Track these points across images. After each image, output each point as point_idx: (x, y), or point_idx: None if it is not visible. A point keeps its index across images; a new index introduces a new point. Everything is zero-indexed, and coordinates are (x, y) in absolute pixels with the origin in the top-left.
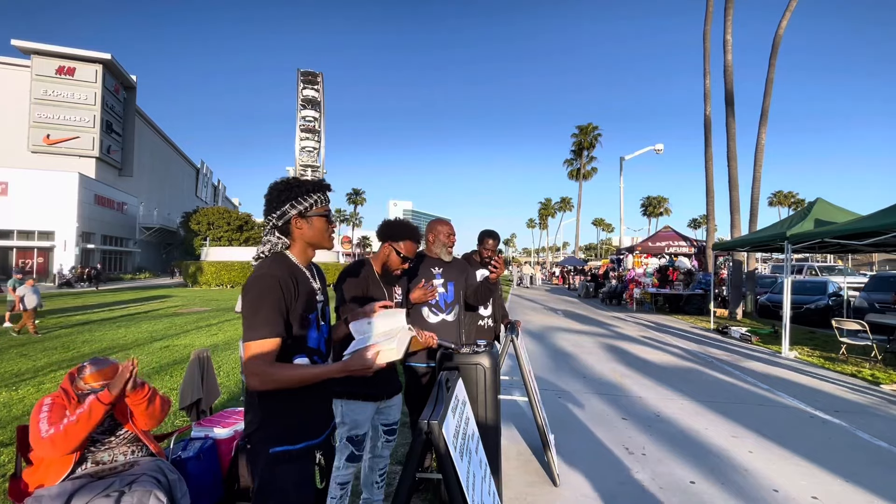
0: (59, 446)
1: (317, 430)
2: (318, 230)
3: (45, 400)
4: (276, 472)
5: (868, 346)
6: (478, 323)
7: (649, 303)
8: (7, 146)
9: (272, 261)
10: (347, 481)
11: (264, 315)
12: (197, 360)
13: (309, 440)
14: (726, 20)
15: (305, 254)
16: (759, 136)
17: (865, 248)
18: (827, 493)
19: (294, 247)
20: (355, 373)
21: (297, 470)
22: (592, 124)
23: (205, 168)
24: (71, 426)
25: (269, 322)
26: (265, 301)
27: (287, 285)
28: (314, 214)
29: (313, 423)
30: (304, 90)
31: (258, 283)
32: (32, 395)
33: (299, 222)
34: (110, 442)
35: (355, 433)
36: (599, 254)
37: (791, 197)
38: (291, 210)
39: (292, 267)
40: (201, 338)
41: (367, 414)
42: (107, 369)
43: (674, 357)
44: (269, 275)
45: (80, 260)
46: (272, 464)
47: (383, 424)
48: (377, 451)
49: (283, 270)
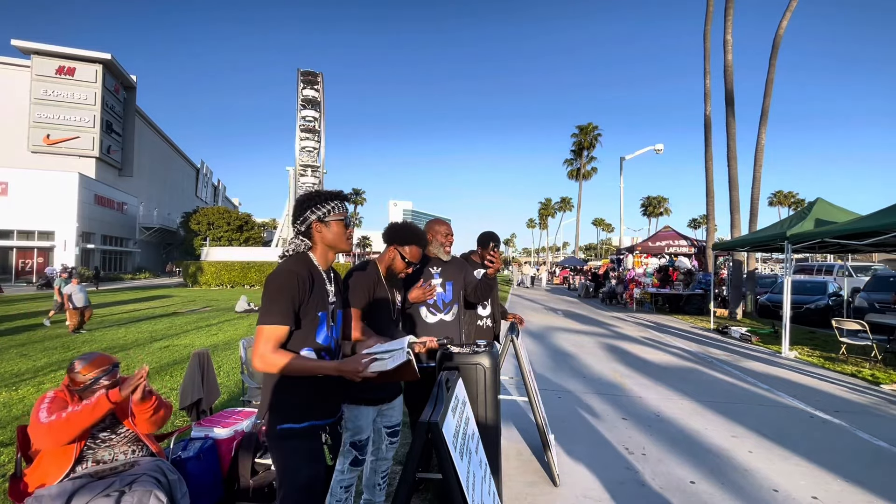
0: (56, 433)
1: (322, 413)
2: (336, 234)
3: (48, 394)
4: (284, 448)
5: (868, 346)
6: (477, 323)
7: (649, 303)
8: (7, 146)
9: (295, 259)
10: (351, 484)
11: (279, 305)
12: (197, 360)
13: (313, 420)
14: (726, 20)
15: (326, 257)
16: (759, 136)
17: (865, 248)
18: (827, 493)
19: (315, 249)
20: (346, 374)
21: (304, 447)
22: (592, 124)
23: (205, 168)
24: (74, 415)
25: (282, 312)
26: (282, 292)
27: (303, 282)
28: (332, 219)
29: (318, 407)
30: (304, 90)
31: (279, 277)
32: (32, 395)
33: (319, 226)
34: (111, 440)
35: (358, 438)
36: (599, 254)
37: (791, 197)
38: (311, 216)
39: (312, 267)
40: (201, 338)
41: (369, 418)
42: (95, 360)
43: (674, 357)
44: (289, 270)
45: (81, 260)
46: (280, 439)
47: (386, 427)
48: (381, 454)
49: (303, 269)
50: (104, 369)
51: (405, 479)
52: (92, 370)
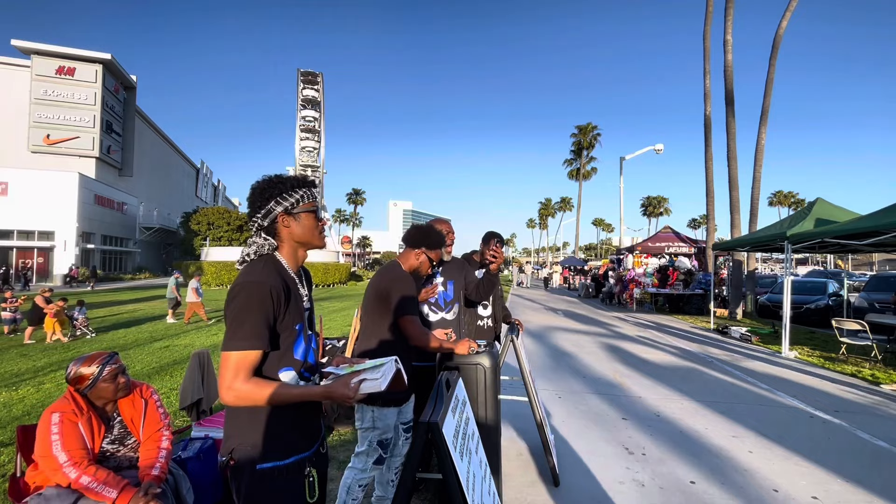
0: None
1: (307, 443)
2: (307, 227)
3: (53, 417)
4: (263, 491)
5: (868, 346)
6: (477, 323)
7: (649, 303)
8: (7, 146)
9: (262, 265)
10: (369, 483)
11: (249, 326)
12: (197, 361)
13: (299, 454)
14: (726, 20)
15: (296, 255)
16: (759, 136)
17: (865, 248)
18: (827, 493)
19: (283, 248)
20: (335, 399)
21: (286, 487)
22: (592, 124)
23: (205, 168)
24: (80, 484)
25: (253, 334)
26: (252, 310)
27: (278, 294)
28: (302, 210)
29: (303, 436)
30: (304, 90)
31: (245, 291)
32: (32, 394)
33: (286, 220)
34: (117, 451)
35: (385, 437)
36: (599, 254)
37: (791, 197)
38: (277, 207)
39: (283, 272)
40: (201, 338)
41: (394, 418)
42: (91, 356)
43: (674, 357)
44: (257, 282)
45: (81, 260)
46: (259, 481)
47: (402, 423)
48: (396, 451)
49: (275, 277)
50: (102, 360)
51: (405, 480)
52: (92, 363)
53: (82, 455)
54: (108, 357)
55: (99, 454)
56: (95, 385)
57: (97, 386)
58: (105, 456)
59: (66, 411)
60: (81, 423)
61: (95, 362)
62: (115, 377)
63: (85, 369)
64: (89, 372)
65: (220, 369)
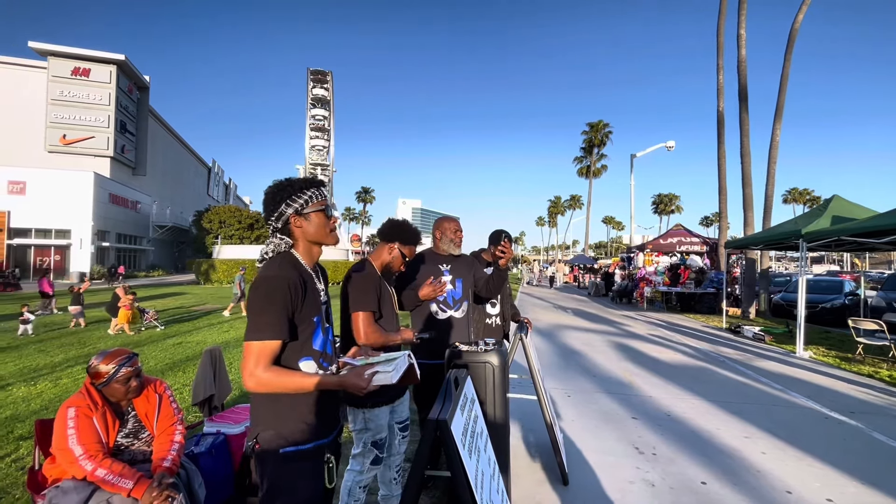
0: (80, 473)
1: (327, 430)
2: (317, 226)
3: (69, 412)
4: (286, 473)
5: (886, 347)
6: (486, 321)
7: (660, 301)
8: (24, 146)
9: (281, 261)
10: (369, 484)
11: (269, 316)
12: (209, 357)
13: (319, 440)
14: (740, 15)
15: (310, 253)
16: (773, 133)
17: (884, 247)
18: (842, 496)
19: (298, 246)
20: (349, 389)
21: (307, 470)
22: (603, 121)
23: (216, 167)
24: (97, 477)
25: (273, 324)
26: (272, 302)
27: (296, 287)
28: (311, 210)
29: (323, 423)
30: (313, 89)
31: (265, 284)
32: (50, 389)
33: (298, 220)
34: (131, 445)
35: (379, 437)
36: (610, 252)
37: (806, 194)
38: (288, 209)
39: (300, 267)
40: (213, 334)
41: (386, 417)
42: (112, 352)
43: (685, 356)
44: (277, 276)
45: (96, 258)
46: (282, 464)
47: (397, 422)
48: (394, 450)
49: (292, 272)
50: (121, 360)
51: (414, 477)
52: (111, 361)
53: (97, 448)
54: (127, 358)
55: (114, 448)
56: (109, 384)
57: (110, 385)
58: (119, 449)
59: (82, 406)
60: (96, 417)
61: (114, 361)
62: (128, 380)
63: (103, 366)
64: (105, 370)
65: (243, 357)
